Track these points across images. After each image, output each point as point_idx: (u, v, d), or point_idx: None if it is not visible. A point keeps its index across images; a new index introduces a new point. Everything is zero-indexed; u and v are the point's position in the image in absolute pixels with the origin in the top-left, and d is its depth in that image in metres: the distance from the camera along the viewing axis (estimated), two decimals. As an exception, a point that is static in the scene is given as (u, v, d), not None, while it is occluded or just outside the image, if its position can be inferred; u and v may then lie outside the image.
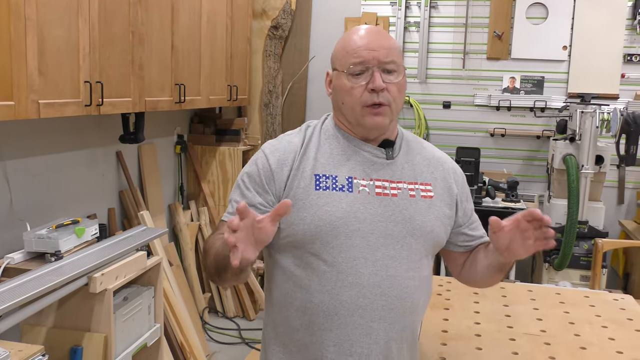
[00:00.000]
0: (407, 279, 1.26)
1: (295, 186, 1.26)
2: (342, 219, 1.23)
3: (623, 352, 1.57)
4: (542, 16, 4.13)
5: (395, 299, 1.25)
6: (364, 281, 1.23)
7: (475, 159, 3.54)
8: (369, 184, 1.27)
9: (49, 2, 2.04)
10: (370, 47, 1.25)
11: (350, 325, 1.24)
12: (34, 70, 1.98)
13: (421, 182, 1.32)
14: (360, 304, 1.23)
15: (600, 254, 2.84)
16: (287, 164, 1.28)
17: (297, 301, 1.27)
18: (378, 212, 1.25)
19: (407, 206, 1.28)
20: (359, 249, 1.23)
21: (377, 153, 1.31)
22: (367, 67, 1.24)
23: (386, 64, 1.25)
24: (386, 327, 1.25)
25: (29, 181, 2.49)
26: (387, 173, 1.30)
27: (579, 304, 1.95)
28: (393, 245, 1.25)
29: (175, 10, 2.98)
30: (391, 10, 4.34)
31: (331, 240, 1.23)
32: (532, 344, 1.61)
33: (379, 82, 1.23)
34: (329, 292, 1.23)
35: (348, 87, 1.26)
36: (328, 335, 1.25)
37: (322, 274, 1.24)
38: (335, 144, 1.31)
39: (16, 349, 1.70)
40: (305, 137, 1.33)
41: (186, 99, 3.14)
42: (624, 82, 4.04)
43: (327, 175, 1.27)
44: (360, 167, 1.29)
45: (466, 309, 1.87)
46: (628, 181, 4.11)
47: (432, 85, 4.35)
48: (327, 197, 1.24)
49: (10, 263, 2.16)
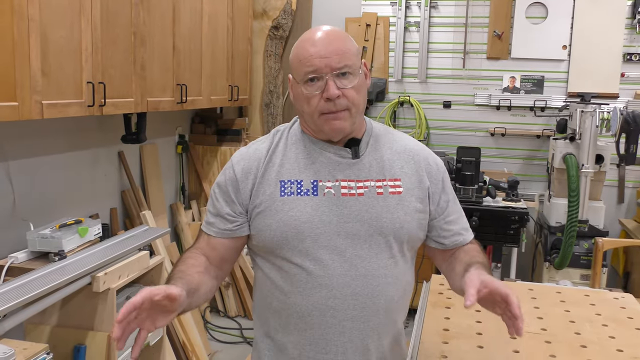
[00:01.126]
0: (377, 277, 1.26)
1: (261, 193, 1.28)
2: (307, 223, 1.24)
3: (623, 350, 1.58)
4: (541, 16, 4.14)
5: (366, 297, 1.26)
6: (334, 282, 1.25)
7: (475, 159, 3.55)
8: (334, 185, 1.27)
9: (51, 2, 2.05)
10: (321, 54, 1.23)
11: (324, 325, 1.26)
12: (37, 70, 1.99)
13: (390, 177, 1.31)
14: (331, 305, 1.25)
15: (600, 253, 2.85)
16: (251, 172, 1.30)
17: (274, 302, 1.31)
18: (344, 212, 1.26)
19: (374, 204, 1.27)
20: (327, 250, 1.25)
21: (342, 153, 1.30)
22: (321, 75, 1.23)
23: (339, 69, 1.23)
24: (360, 326, 1.27)
25: (32, 181, 2.50)
26: (353, 172, 1.29)
27: (580, 303, 1.96)
28: (361, 244, 1.26)
29: (176, 11, 2.99)
30: (391, 10, 4.35)
31: (298, 244, 1.25)
32: (533, 342, 1.62)
33: (333, 90, 1.22)
34: (301, 293, 1.26)
35: (305, 96, 1.26)
36: (304, 335, 1.28)
37: (293, 276, 1.26)
38: (301, 147, 1.32)
39: (21, 347, 1.72)
40: (272, 144, 1.34)
41: (188, 99, 3.15)
42: (623, 81, 4.05)
43: (292, 181, 1.28)
44: (325, 169, 1.29)
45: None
46: (628, 180, 4.12)
47: (433, 85, 4.36)
48: (291, 202, 1.26)
49: (14, 262, 2.17)
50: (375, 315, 1.28)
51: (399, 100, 4.36)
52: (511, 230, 3.48)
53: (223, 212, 1.31)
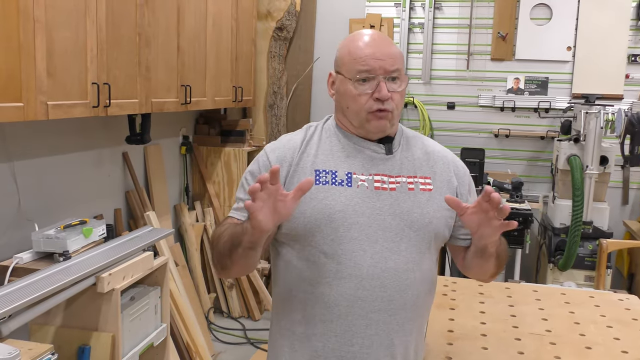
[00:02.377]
0: (406, 271, 1.28)
1: (295, 181, 1.29)
2: (341, 212, 1.26)
3: (628, 352, 1.58)
4: (546, 17, 4.13)
5: (394, 290, 1.27)
6: (363, 273, 1.25)
7: (479, 160, 3.55)
8: (367, 179, 1.30)
9: (57, 4, 2.06)
10: (377, 56, 1.28)
11: (350, 316, 1.27)
12: (42, 71, 2.00)
13: (420, 175, 1.34)
14: (360, 295, 1.26)
15: (604, 255, 2.84)
16: (286, 160, 1.32)
17: (299, 293, 1.31)
18: (377, 205, 1.28)
19: (406, 199, 1.30)
20: (358, 241, 1.26)
21: (376, 149, 1.34)
22: (374, 76, 1.28)
23: (392, 73, 1.28)
24: (386, 319, 1.27)
25: (37, 182, 2.51)
26: (386, 168, 1.33)
27: (584, 304, 1.95)
28: (392, 237, 1.28)
29: (181, 12, 2.99)
30: (395, 12, 4.35)
31: (330, 232, 1.26)
32: (538, 343, 1.62)
33: (385, 92, 1.27)
34: (329, 283, 1.27)
35: (354, 94, 1.29)
36: (329, 327, 1.28)
37: (322, 265, 1.27)
38: (335, 141, 1.35)
39: (26, 347, 1.72)
40: (307, 136, 1.37)
41: (192, 100, 3.15)
42: (628, 82, 4.04)
43: (327, 171, 1.30)
44: (359, 163, 1.32)
45: (472, 309, 1.88)
46: (632, 181, 4.11)
47: (437, 86, 4.36)
48: (326, 191, 1.28)
49: (19, 263, 2.18)
50: (402, 309, 1.28)
51: (402, 102, 4.35)
52: (515, 232, 3.47)
53: None
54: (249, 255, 1.22)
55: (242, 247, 1.19)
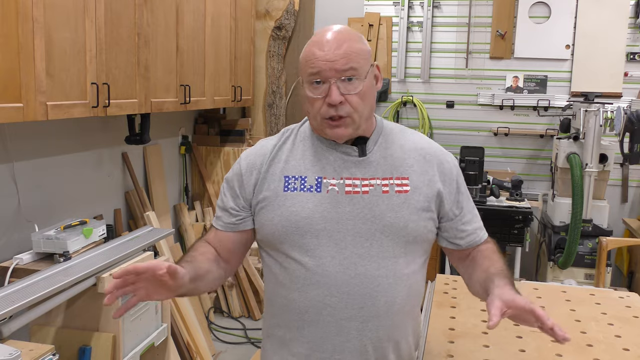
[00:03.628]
0: (377, 277, 1.24)
1: (264, 188, 1.29)
2: (307, 219, 1.24)
3: (630, 349, 1.58)
4: (544, 15, 4.14)
5: (364, 297, 1.24)
6: (331, 280, 1.24)
7: (479, 158, 3.55)
8: (338, 183, 1.27)
9: (56, 4, 2.06)
10: (327, 57, 1.21)
11: (321, 323, 1.26)
12: (41, 72, 2.00)
13: (397, 176, 1.29)
14: (328, 302, 1.24)
15: (604, 253, 2.85)
16: (255, 167, 1.32)
17: (277, 298, 1.32)
18: (346, 210, 1.25)
19: (379, 203, 1.25)
20: (326, 248, 1.24)
21: (349, 151, 1.30)
22: (325, 79, 1.22)
23: (344, 72, 1.21)
24: (358, 326, 1.25)
25: (36, 183, 2.51)
26: (359, 171, 1.28)
27: (585, 302, 1.95)
28: (362, 243, 1.24)
29: (179, 11, 2.99)
30: (394, 10, 4.35)
31: (298, 239, 1.25)
32: (539, 341, 1.62)
33: (335, 96, 1.20)
34: (299, 290, 1.26)
35: (309, 98, 1.25)
36: (301, 332, 1.29)
37: (293, 272, 1.27)
38: (308, 145, 1.33)
39: (27, 348, 1.72)
40: (280, 141, 1.35)
41: (191, 100, 3.15)
42: (627, 80, 4.05)
43: (296, 177, 1.28)
44: (331, 166, 1.29)
45: (472, 307, 1.88)
46: (632, 179, 4.11)
47: (436, 85, 4.36)
48: (294, 197, 1.26)
49: (19, 264, 2.18)
50: (375, 317, 1.25)
51: (402, 100, 4.36)
52: (515, 230, 3.48)
53: (228, 206, 1.34)
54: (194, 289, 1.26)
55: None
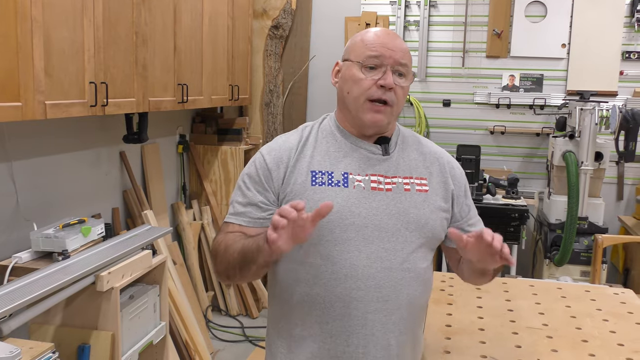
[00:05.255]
0: (401, 271, 1.28)
1: (292, 182, 1.30)
2: (337, 213, 1.26)
3: (624, 345, 1.60)
4: (541, 14, 4.15)
5: (390, 290, 1.27)
6: (358, 273, 1.26)
7: (475, 157, 3.56)
8: (364, 179, 1.30)
9: (54, 3, 2.06)
10: (389, 46, 1.29)
11: (346, 317, 1.27)
12: (40, 71, 2.00)
13: (416, 176, 1.35)
14: (355, 296, 1.26)
15: (600, 250, 2.87)
16: (283, 161, 1.32)
17: (295, 294, 1.31)
18: (373, 206, 1.28)
19: (402, 200, 1.31)
20: (354, 242, 1.26)
21: (373, 150, 1.34)
22: (382, 63, 1.28)
23: (400, 66, 1.29)
24: (382, 319, 1.28)
25: (35, 181, 2.51)
26: (383, 168, 1.33)
27: (580, 299, 1.97)
28: (388, 237, 1.28)
29: (177, 11, 3.00)
30: (391, 10, 4.36)
31: (326, 234, 1.26)
32: (535, 337, 1.64)
33: (390, 80, 1.27)
34: (325, 284, 1.27)
35: (358, 77, 1.29)
36: (325, 328, 1.29)
37: (318, 267, 1.27)
38: (332, 141, 1.35)
39: (27, 346, 1.73)
40: (303, 136, 1.37)
41: (189, 99, 3.16)
42: (622, 79, 4.07)
43: (323, 172, 1.30)
44: (356, 163, 1.32)
45: (469, 304, 1.90)
46: (627, 177, 4.14)
47: (432, 84, 4.38)
48: (322, 192, 1.28)
49: (18, 262, 2.18)
50: (398, 309, 1.29)
51: (398, 99, 4.37)
52: (511, 228, 3.50)
53: (256, 200, 1.32)
54: (261, 272, 1.24)
55: (257, 265, 1.19)
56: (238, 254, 1.23)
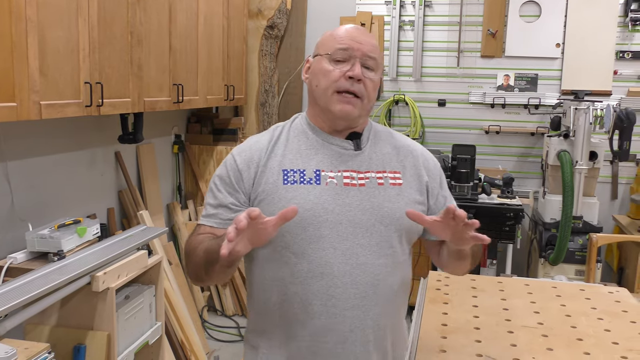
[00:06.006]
0: (378, 266, 1.28)
1: (263, 182, 1.29)
2: (310, 211, 1.26)
3: (619, 343, 1.61)
4: (535, 14, 4.17)
5: (367, 286, 1.27)
6: (334, 270, 1.25)
7: (470, 156, 3.57)
8: (337, 176, 1.30)
9: (49, 3, 2.06)
10: (358, 39, 1.30)
11: (324, 315, 1.27)
12: (35, 71, 1.99)
13: (390, 170, 1.34)
14: (332, 294, 1.26)
15: (594, 249, 2.88)
16: (253, 162, 1.32)
17: (273, 295, 1.31)
18: (346, 202, 1.28)
19: (376, 194, 1.30)
20: (328, 239, 1.26)
21: (344, 145, 1.34)
22: (350, 56, 1.28)
23: (369, 59, 1.29)
24: (360, 315, 1.27)
25: (30, 182, 2.51)
26: (355, 164, 1.32)
27: (575, 297, 1.98)
28: (362, 233, 1.27)
29: (172, 10, 2.99)
30: (386, 10, 4.37)
31: (300, 232, 1.26)
32: (530, 336, 1.65)
33: (359, 71, 1.27)
34: (301, 283, 1.27)
35: (327, 70, 1.29)
36: (304, 326, 1.28)
37: (293, 265, 1.27)
38: (303, 139, 1.35)
39: (22, 347, 1.73)
40: (274, 136, 1.36)
41: (184, 99, 3.16)
42: (616, 78, 4.09)
43: (295, 170, 1.30)
44: (328, 159, 1.32)
45: (465, 303, 1.90)
46: (621, 177, 4.16)
47: (427, 84, 4.39)
48: (294, 190, 1.27)
49: (13, 263, 2.18)
50: (375, 305, 1.29)
51: (394, 99, 4.38)
52: (506, 227, 3.51)
53: (227, 201, 1.32)
54: (225, 272, 1.23)
55: (219, 264, 1.18)
56: (203, 254, 1.24)
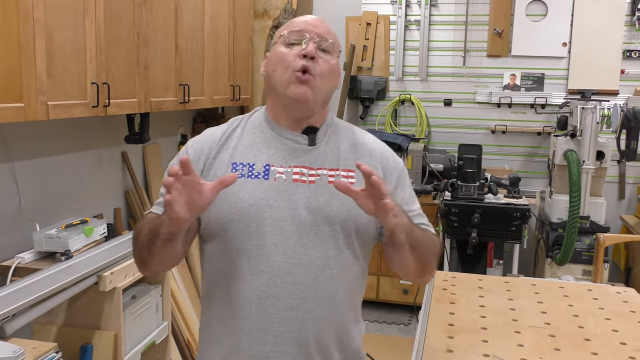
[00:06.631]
0: (321, 267, 1.23)
1: (211, 175, 1.26)
2: (254, 206, 1.22)
3: (627, 343, 1.60)
4: (541, 13, 4.16)
5: (307, 287, 1.22)
6: (275, 269, 1.21)
7: (477, 156, 3.56)
8: (286, 171, 1.26)
9: (56, 4, 2.07)
10: (311, 23, 1.28)
11: (263, 314, 1.23)
12: (42, 71, 2.00)
13: (343, 168, 1.29)
14: (272, 292, 1.22)
15: (602, 249, 2.87)
16: (203, 153, 1.29)
17: (217, 290, 1.29)
18: (293, 199, 1.24)
19: (324, 192, 1.25)
20: (271, 236, 1.22)
21: (299, 140, 1.30)
22: (304, 36, 1.26)
23: (324, 41, 1.27)
24: (300, 317, 1.23)
25: (37, 182, 2.52)
26: (308, 159, 1.28)
27: (582, 297, 1.97)
28: (307, 232, 1.23)
29: (178, 11, 3.00)
30: (392, 9, 4.37)
31: (243, 228, 1.23)
32: (537, 336, 1.64)
33: (312, 48, 1.24)
34: (242, 280, 1.23)
35: (282, 53, 1.26)
36: (241, 324, 1.24)
37: (235, 262, 1.24)
38: (258, 132, 1.32)
39: (30, 346, 1.74)
40: (230, 128, 1.34)
41: (190, 99, 3.16)
42: (623, 78, 4.07)
43: (244, 164, 1.27)
44: (280, 154, 1.28)
45: (471, 303, 1.90)
46: (628, 176, 4.14)
47: (433, 83, 4.38)
48: (241, 184, 1.24)
49: (20, 263, 2.19)
50: (318, 307, 1.24)
51: (399, 99, 4.38)
52: (513, 227, 3.49)
53: None
54: (167, 247, 1.18)
55: (160, 239, 1.15)
56: (147, 232, 1.20)
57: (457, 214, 3.50)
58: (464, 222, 3.49)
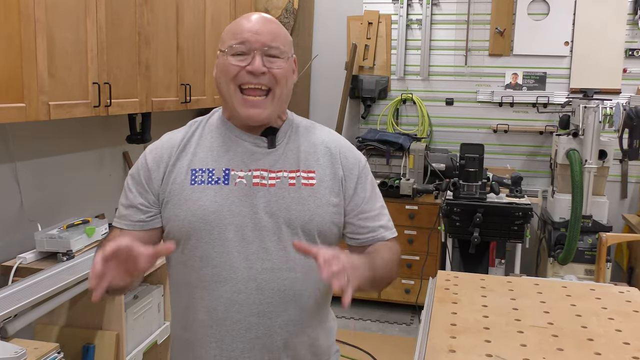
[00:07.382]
0: (286, 271, 1.22)
1: (171, 182, 1.24)
2: (215, 213, 1.20)
3: (630, 343, 1.59)
4: (543, 12, 4.15)
5: (273, 292, 1.21)
6: (238, 275, 1.20)
7: (479, 155, 3.56)
8: (246, 175, 1.23)
9: (57, 4, 2.07)
10: (255, 29, 1.21)
11: (229, 321, 1.22)
12: (43, 72, 2.01)
13: (304, 169, 1.26)
14: (236, 299, 1.21)
15: (604, 248, 2.86)
16: (163, 160, 1.26)
17: (182, 298, 1.27)
18: (254, 203, 1.22)
19: (285, 195, 1.23)
20: (233, 242, 1.20)
21: (258, 142, 1.26)
22: (249, 49, 1.20)
23: (270, 47, 1.20)
24: (267, 322, 1.22)
25: (39, 182, 2.52)
26: (267, 162, 1.25)
27: (585, 297, 1.97)
28: (269, 237, 1.21)
29: (180, 10, 3.00)
30: (393, 8, 4.36)
31: (205, 235, 1.21)
32: (540, 336, 1.63)
33: (258, 64, 1.19)
34: (206, 287, 1.22)
35: (227, 65, 1.21)
36: (209, 332, 1.24)
37: (199, 269, 1.22)
38: (216, 136, 1.28)
39: (32, 346, 1.73)
40: (188, 133, 1.30)
41: (192, 99, 3.16)
42: (625, 77, 4.06)
43: (203, 169, 1.24)
44: (239, 158, 1.25)
45: (474, 302, 1.89)
46: (631, 175, 4.13)
47: (435, 82, 4.37)
48: (201, 191, 1.22)
49: (22, 263, 2.19)
50: (284, 311, 1.23)
51: (401, 98, 4.37)
52: (515, 226, 3.49)
53: (136, 202, 1.26)
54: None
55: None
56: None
57: (459, 213, 3.50)
58: (466, 222, 3.48)
